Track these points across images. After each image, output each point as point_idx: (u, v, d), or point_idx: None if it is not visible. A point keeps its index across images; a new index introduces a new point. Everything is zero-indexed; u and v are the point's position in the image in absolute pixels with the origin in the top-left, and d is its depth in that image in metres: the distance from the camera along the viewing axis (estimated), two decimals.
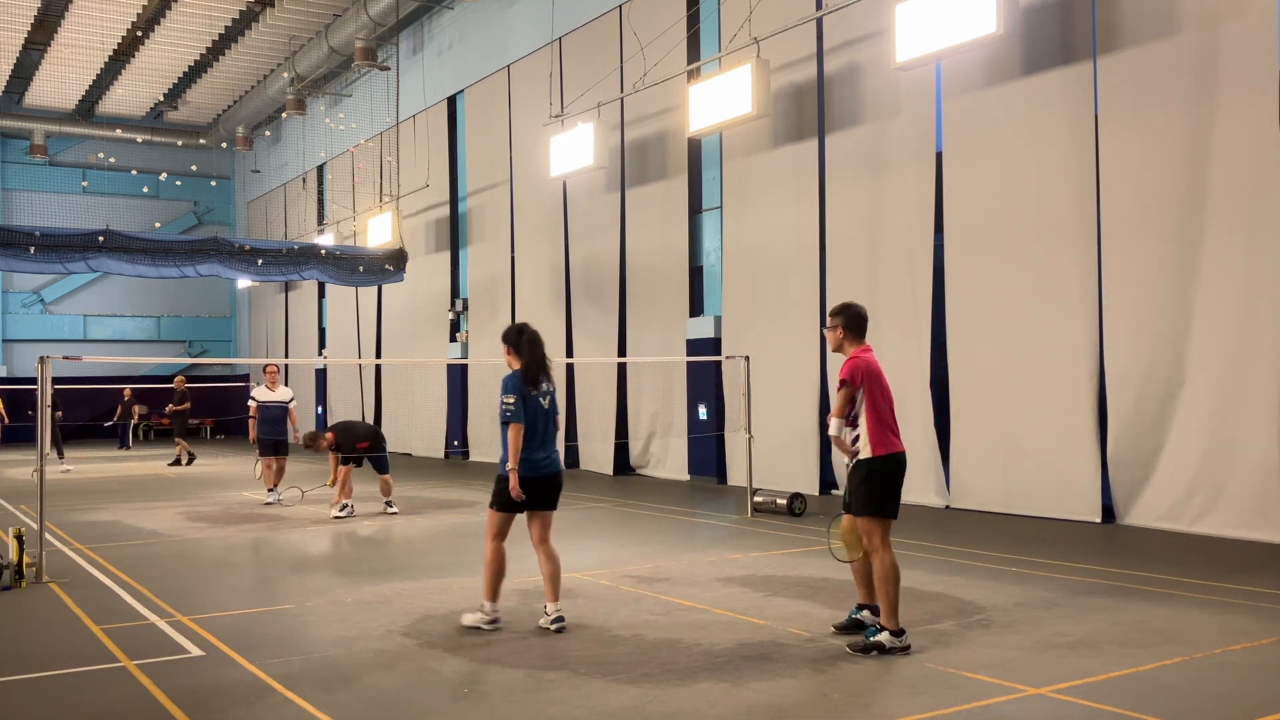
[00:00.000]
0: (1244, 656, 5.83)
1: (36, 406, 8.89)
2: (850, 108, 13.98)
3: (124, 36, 25.90)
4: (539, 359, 6.74)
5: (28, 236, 17.95)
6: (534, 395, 6.66)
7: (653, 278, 17.50)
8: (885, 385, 6.29)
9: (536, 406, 6.66)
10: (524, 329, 6.86)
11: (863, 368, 6.23)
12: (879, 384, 6.24)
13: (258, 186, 34.78)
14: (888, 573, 6.08)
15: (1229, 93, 10.09)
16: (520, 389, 6.63)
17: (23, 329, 33.64)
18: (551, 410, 6.79)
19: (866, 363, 6.26)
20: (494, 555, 6.74)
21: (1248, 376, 9.94)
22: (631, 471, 18.05)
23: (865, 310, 6.48)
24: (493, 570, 6.73)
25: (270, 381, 14.23)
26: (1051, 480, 11.48)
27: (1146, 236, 10.72)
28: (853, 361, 6.30)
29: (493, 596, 6.74)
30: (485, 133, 22.12)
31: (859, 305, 6.47)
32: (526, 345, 6.75)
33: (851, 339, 6.37)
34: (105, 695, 5.47)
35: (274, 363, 14.66)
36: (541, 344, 6.80)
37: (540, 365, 6.74)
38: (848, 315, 6.37)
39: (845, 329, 6.37)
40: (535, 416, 6.66)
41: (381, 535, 11.39)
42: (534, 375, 6.69)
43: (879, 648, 5.95)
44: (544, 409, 6.70)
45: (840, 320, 6.38)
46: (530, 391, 6.65)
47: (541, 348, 6.78)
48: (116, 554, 10.10)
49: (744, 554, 9.54)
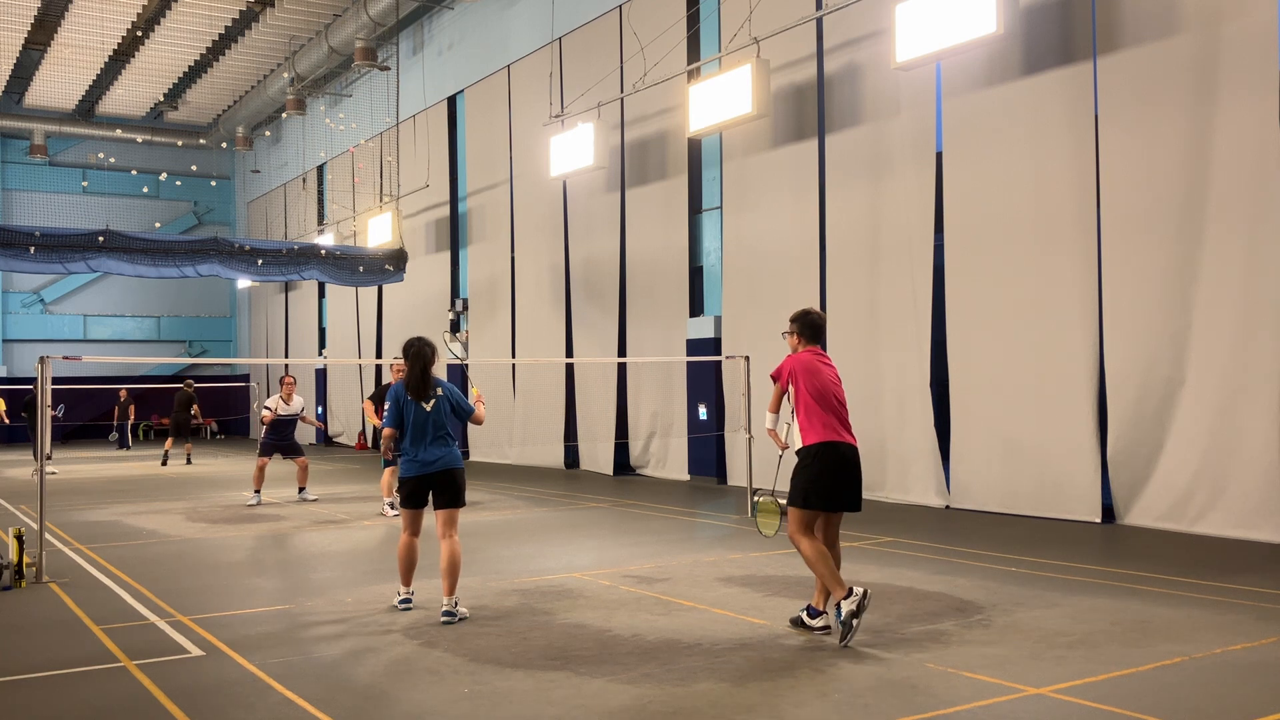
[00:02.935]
0: (1244, 656, 5.83)
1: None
2: (850, 108, 13.98)
3: (124, 36, 25.90)
4: (418, 373, 7.32)
5: (28, 236, 17.97)
6: (415, 403, 7.28)
7: (653, 278, 17.50)
8: (824, 380, 6.53)
9: (419, 412, 7.26)
10: (410, 346, 7.40)
11: (790, 365, 6.61)
12: (813, 378, 6.50)
13: (258, 186, 34.78)
14: (812, 556, 6.33)
15: (1229, 93, 10.09)
16: (399, 396, 7.32)
17: (23, 329, 33.64)
18: (437, 414, 7.32)
19: (799, 360, 6.60)
20: (401, 548, 7.43)
21: (1248, 376, 9.93)
22: (631, 471, 18.05)
23: (821, 318, 6.84)
24: (400, 559, 7.42)
25: (286, 394, 14.38)
26: (1051, 480, 11.48)
27: (1146, 236, 10.72)
28: (786, 360, 6.68)
29: (405, 583, 7.46)
30: (485, 133, 22.12)
31: (817, 312, 6.85)
32: (411, 359, 7.38)
33: (805, 342, 6.73)
34: (105, 695, 5.47)
35: (290, 375, 14.73)
36: (424, 359, 7.36)
37: (420, 378, 7.32)
38: (803, 322, 6.76)
39: (799, 334, 6.76)
40: (420, 421, 7.26)
41: (381, 535, 11.39)
42: (413, 385, 7.30)
43: (854, 616, 6.06)
44: (428, 413, 7.28)
45: (796, 326, 6.78)
46: (409, 398, 7.29)
47: (423, 362, 7.35)
48: (116, 554, 10.10)
49: (744, 554, 9.54)
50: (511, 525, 11.93)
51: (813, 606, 6.52)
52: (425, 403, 7.28)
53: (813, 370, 6.51)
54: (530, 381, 20.17)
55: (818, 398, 6.45)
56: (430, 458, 7.22)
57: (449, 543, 7.23)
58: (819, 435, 6.39)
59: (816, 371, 6.51)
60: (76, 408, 30.79)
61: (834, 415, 6.45)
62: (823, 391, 6.47)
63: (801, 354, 6.64)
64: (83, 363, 28.79)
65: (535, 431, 19.87)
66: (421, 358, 7.34)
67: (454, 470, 7.30)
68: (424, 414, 7.26)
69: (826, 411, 6.43)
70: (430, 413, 7.26)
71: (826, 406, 6.44)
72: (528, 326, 20.63)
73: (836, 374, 6.67)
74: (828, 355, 6.76)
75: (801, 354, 6.64)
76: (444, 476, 7.26)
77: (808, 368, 6.52)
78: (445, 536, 7.26)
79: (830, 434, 6.39)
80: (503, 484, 16.74)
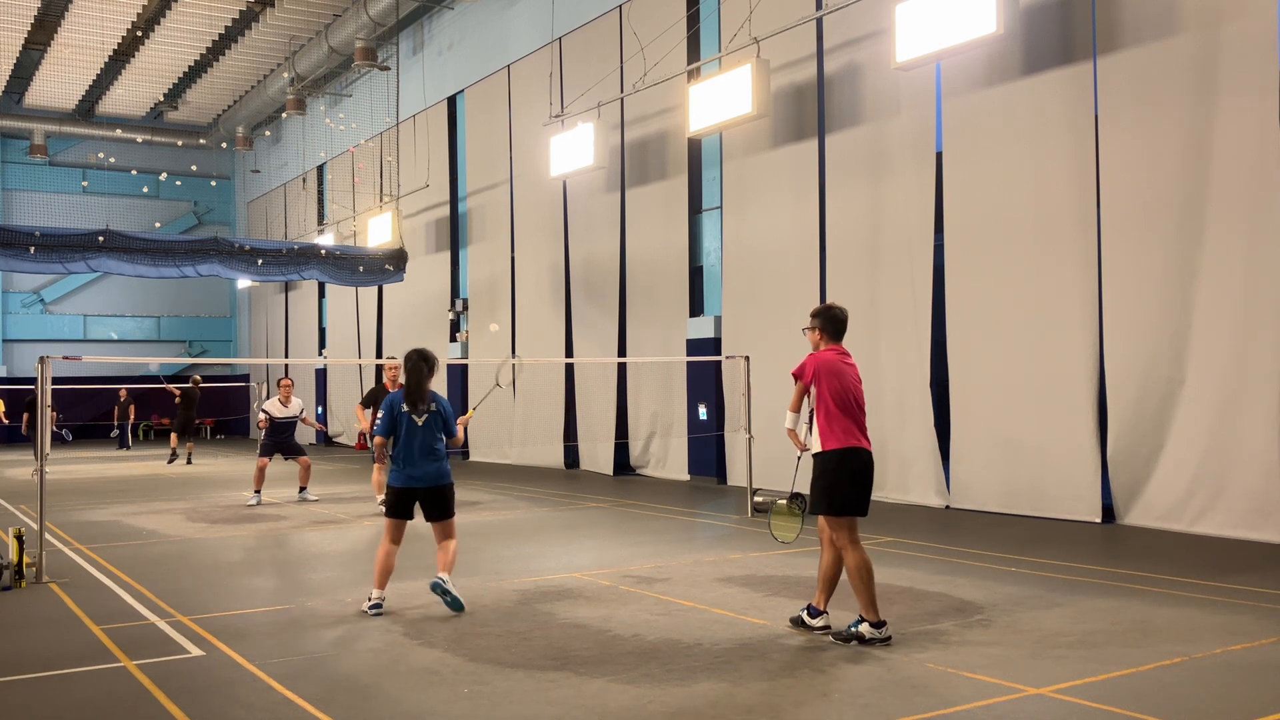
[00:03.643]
0: (1244, 656, 5.83)
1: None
2: (850, 108, 13.98)
3: (124, 36, 25.91)
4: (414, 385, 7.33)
5: (28, 236, 17.97)
6: (409, 415, 7.28)
7: (653, 278, 17.50)
8: (846, 383, 6.35)
9: (410, 425, 7.27)
10: (409, 358, 7.41)
11: (814, 364, 6.38)
12: (837, 380, 6.32)
13: (258, 186, 34.78)
14: (857, 569, 6.19)
15: (1229, 93, 10.09)
16: (395, 406, 7.32)
17: (23, 329, 33.65)
18: (428, 429, 7.30)
19: (823, 359, 6.38)
20: (381, 553, 7.38)
21: (1248, 376, 9.93)
22: (631, 471, 18.05)
23: (844, 313, 6.59)
24: (378, 564, 7.35)
25: (284, 396, 14.42)
26: (1051, 480, 11.48)
27: (1146, 236, 10.72)
28: (810, 358, 6.46)
29: (379, 585, 7.35)
30: (485, 133, 22.12)
31: (839, 308, 6.61)
32: (410, 370, 7.38)
33: (827, 339, 6.51)
34: (105, 695, 5.47)
35: (288, 378, 14.80)
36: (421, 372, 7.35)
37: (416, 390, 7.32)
38: (825, 317, 6.53)
39: (822, 330, 6.52)
40: (410, 434, 7.26)
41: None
42: (409, 397, 7.32)
43: (859, 638, 6.11)
44: (419, 427, 7.28)
45: (818, 321, 6.54)
46: (404, 410, 7.28)
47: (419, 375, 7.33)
48: (116, 554, 10.10)
49: (744, 554, 9.54)
50: (511, 525, 11.93)
51: (813, 606, 6.48)
52: (418, 416, 7.29)
53: (836, 372, 6.33)
54: (530, 381, 20.17)
55: (839, 401, 6.29)
56: (418, 473, 7.26)
57: (445, 546, 7.38)
58: (839, 441, 6.25)
59: (840, 373, 6.34)
60: (76, 407, 30.81)
61: (854, 420, 6.31)
62: (844, 395, 6.31)
63: (825, 353, 6.43)
64: (83, 363, 28.79)
65: (535, 431, 19.87)
66: (419, 370, 7.33)
67: (442, 487, 7.35)
68: (415, 427, 7.27)
69: (847, 416, 6.29)
70: (421, 427, 7.29)
71: (847, 411, 6.29)
72: (528, 326, 20.63)
73: (858, 374, 6.51)
74: (849, 354, 6.56)
75: (825, 353, 6.43)
76: (432, 493, 7.32)
77: (832, 369, 6.33)
78: (442, 544, 7.38)
79: (850, 440, 6.26)
80: (503, 484, 16.74)
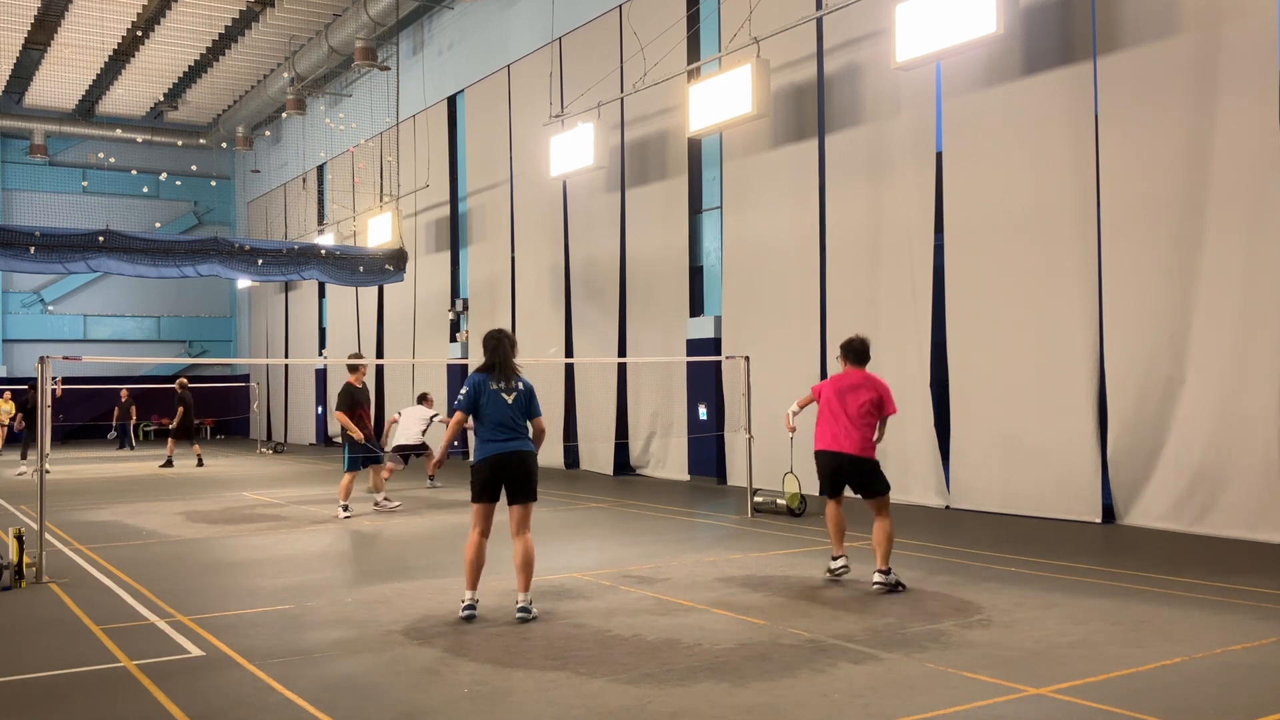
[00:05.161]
0: (1244, 656, 5.83)
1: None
2: (850, 108, 13.98)
3: (124, 36, 25.90)
4: (500, 360, 7.17)
5: (28, 236, 17.97)
6: (497, 392, 7.07)
7: (653, 278, 17.50)
8: (843, 400, 7.91)
9: (499, 402, 7.05)
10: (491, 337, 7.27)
11: (825, 384, 8.22)
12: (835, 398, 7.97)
13: (258, 186, 34.78)
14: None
15: (1229, 93, 10.09)
16: (478, 384, 7.08)
17: (23, 329, 33.64)
18: (516, 407, 7.10)
19: (832, 379, 8.15)
20: (470, 545, 7.09)
21: (1248, 377, 9.94)
22: (631, 471, 18.05)
23: (859, 342, 8.14)
24: (467, 560, 7.08)
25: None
26: (1051, 480, 11.48)
27: (1146, 236, 10.72)
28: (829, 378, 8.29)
29: (470, 585, 7.08)
30: (485, 133, 22.12)
31: (858, 338, 8.18)
32: (492, 350, 7.22)
33: (847, 364, 8.17)
34: (105, 695, 5.47)
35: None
36: (507, 349, 7.21)
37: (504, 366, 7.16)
38: (843, 346, 8.24)
39: (843, 357, 8.22)
40: (499, 409, 7.04)
41: (381, 535, 11.39)
42: (497, 373, 7.12)
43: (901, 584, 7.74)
44: (509, 404, 7.08)
45: (839, 352, 8.27)
46: (493, 387, 7.07)
47: (505, 352, 7.19)
48: (116, 554, 10.10)
49: (744, 554, 9.54)
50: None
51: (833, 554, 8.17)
52: (508, 394, 7.08)
53: (839, 391, 7.98)
54: (530, 381, 20.13)
55: (829, 412, 7.98)
56: (509, 448, 7.01)
57: (523, 540, 7.04)
58: (818, 444, 8.08)
59: (840, 392, 7.96)
60: (76, 407, 30.81)
61: (838, 427, 7.91)
62: (835, 408, 7.94)
63: (839, 374, 8.14)
64: (83, 363, 28.78)
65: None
66: (503, 347, 7.16)
67: (531, 461, 7.09)
68: (505, 405, 7.04)
69: (831, 424, 7.95)
70: (510, 405, 7.06)
71: (833, 420, 7.94)
72: (528, 327, 20.62)
73: (867, 394, 7.87)
74: (864, 373, 8.01)
75: (839, 374, 8.14)
76: (524, 465, 7.04)
77: (837, 388, 8.01)
78: (519, 534, 7.06)
79: (825, 444, 7.99)
80: None
